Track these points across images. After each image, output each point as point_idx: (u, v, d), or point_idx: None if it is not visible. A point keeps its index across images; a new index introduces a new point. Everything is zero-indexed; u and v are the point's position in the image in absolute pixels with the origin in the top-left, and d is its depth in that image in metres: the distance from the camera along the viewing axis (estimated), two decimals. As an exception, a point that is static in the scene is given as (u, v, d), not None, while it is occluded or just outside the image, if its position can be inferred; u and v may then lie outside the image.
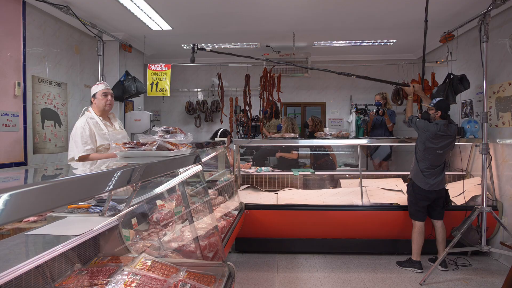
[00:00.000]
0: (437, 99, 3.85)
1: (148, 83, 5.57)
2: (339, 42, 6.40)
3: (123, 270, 1.84)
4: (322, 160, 5.80)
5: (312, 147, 5.90)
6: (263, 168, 5.12)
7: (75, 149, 3.17)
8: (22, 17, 4.03)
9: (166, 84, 5.54)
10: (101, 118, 3.36)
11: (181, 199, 2.60)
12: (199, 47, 4.59)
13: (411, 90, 4.36)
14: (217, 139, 4.77)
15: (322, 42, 6.42)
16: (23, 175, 1.45)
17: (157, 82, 5.55)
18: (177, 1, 4.48)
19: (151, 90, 5.57)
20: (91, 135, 3.21)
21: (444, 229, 3.93)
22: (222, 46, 6.65)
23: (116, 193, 2.37)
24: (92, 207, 2.28)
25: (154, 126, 3.33)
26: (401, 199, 4.30)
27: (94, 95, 3.39)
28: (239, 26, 5.51)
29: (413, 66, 6.80)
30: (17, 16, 3.98)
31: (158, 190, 2.49)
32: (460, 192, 4.43)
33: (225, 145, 4.50)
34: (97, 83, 3.45)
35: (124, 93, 5.62)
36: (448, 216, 4.05)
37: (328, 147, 5.74)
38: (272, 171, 5.10)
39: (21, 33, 4.02)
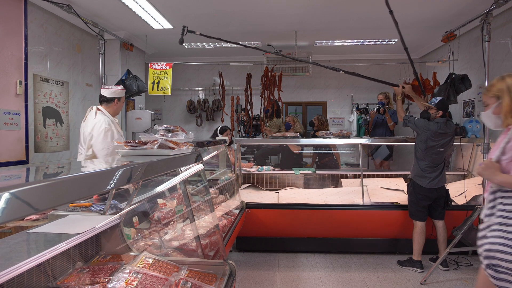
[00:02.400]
0: (438, 98, 3.84)
1: (150, 81, 5.57)
2: (341, 41, 6.40)
3: (125, 268, 1.84)
4: (325, 159, 5.80)
5: (315, 147, 5.89)
6: (264, 167, 5.12)
7: (100, 145, 3.18)
8: (24, 16, 4.04)
9: (167, 83, 5.55)
10: (115, 119, 3.41)
11: (182, 197, 2.60)
12: (189, 29, 4.43)
13: (400, 90, 4.36)
14: (219, 137, 4.77)
15: (324, 41, 6.42)
16: (25, 174, 1.45)
17: (159, 81, 5.55)
18: (179, 0, 4.48)
19: (153, 89, 5.58)
20: (114, 134, 3.29)
21: (445, 229, 3.93)
22: (223, 45, 6.65)
23: (118, 192, 2.38)
24: (93, 205, 2.29)
25: (155, 125, 3.34)
26: (402, 198, 4.30)
27: (119, 98, 3.42)
28: (241, 26, 5.50)
29: (415, 65, 6.78)
30: (19, 15, 3.98)
31: (159, 188, 2.50)
32: (461, 191, 4.42)
33: (226, 144, 4.50)
34: (121, 87, 3.46)
35: (126, 92, 5.62)
36: (449, 216, 4.05)
37: (332, 147, 5.74)
38: (273, 170, 5.10)
39: (23, 32, 4.02)
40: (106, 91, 3.40)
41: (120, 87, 3.49)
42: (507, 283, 1.69)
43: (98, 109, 3.35)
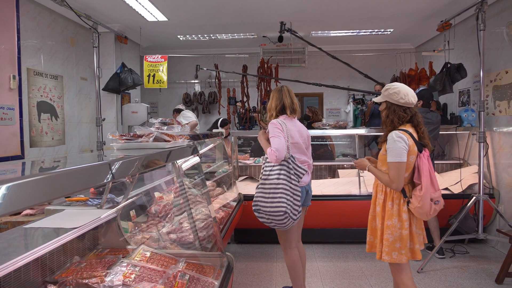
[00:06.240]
0: (420, 88, 3.88)
1: (145, 75, 5.54)
2: (336, 31, 6.36)
3: (122, 261, 1.85)
4: (321, 150, 5.79)
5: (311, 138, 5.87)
6: (260, 159, 5.12)
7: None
8: (16, 9, 3.98)
9: (163, 75, 5.51)
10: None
11: (179, 190, 2.60)
12: (201, 67, 5.77)
13: None
14: (216, 130, 4.75)
15: (319, 32, 6.38)
16: (20, 168, 1.44)
17: (154, 74, 5.51)
18: (173, -9, 4.43)
19: (148, 82, 5.54)
20: None
21: (435, 218, 3.94)
22: (218, 37, 6.60)
23: (114, 185, 2.38)
24: (90, 199, 2.29)
25: (151, 118, 3.31)
26: (399, 188, 4.32)
27: None
28: (236, 17, 5.46)
29: (411, 55, 6.78)
30: (11, 8, 3.93)
31: (156, 182, 2.50)
32: (457, 180, 4.45)
33: (223, 136, 4.49)
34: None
35: (121, 85, 5.58)
36: (445, 204, 4.06)
37: (327, 138, 5.74)
38: (270, 162, 5.10)
39: (15, 25, 3.97)
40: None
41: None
42: (263, 219, 2.68)
43: None
